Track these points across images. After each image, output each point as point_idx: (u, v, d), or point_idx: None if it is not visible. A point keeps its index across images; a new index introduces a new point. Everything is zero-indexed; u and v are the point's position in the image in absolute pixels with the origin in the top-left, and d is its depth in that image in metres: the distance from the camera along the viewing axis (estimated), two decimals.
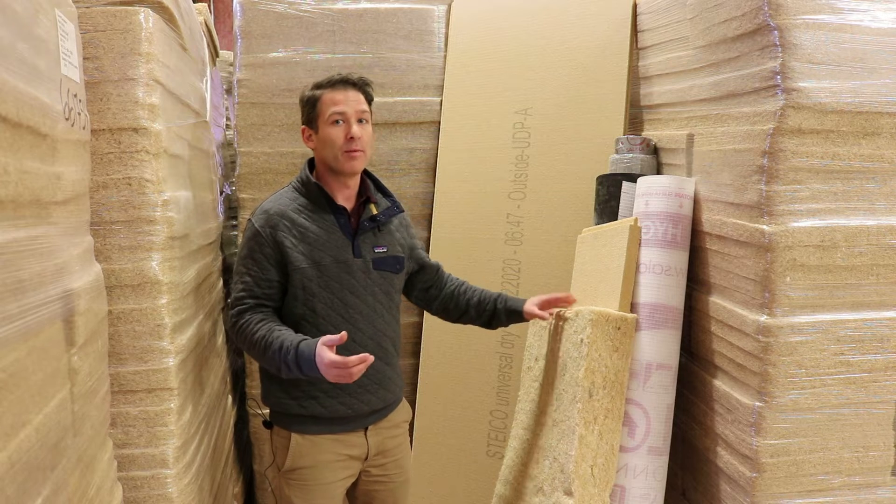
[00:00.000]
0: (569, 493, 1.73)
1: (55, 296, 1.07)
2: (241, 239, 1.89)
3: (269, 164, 2.59)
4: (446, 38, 2.70)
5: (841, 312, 1.65)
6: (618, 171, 2.15)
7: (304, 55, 2.59)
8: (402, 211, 1.97)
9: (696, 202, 1.91)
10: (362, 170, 1.86)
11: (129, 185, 1.57)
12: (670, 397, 1.87)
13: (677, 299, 1.88)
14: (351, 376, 1.58)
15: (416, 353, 2.69)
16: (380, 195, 1.93)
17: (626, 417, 1.84)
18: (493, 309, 1.97)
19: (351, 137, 1.76)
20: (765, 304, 1.63)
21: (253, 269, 1.76)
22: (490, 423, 2.55)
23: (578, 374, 1.79)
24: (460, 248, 2.62)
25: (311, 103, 1.81)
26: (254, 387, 2.57)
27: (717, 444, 1.83)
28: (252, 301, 1.75)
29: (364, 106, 1.81)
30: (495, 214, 2.58)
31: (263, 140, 2.59)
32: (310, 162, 1.89)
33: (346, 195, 1.85)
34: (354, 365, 1.56)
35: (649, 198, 1.92)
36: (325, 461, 1.80)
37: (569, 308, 1.96)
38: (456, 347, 2.60)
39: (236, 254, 1.89)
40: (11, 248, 0.92)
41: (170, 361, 1.62)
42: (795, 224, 1.60)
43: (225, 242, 2.81)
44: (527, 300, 1.95)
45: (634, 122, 2.41)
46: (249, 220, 1.82)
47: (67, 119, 1.16)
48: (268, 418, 1.90)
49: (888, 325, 1.66)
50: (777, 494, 1.68)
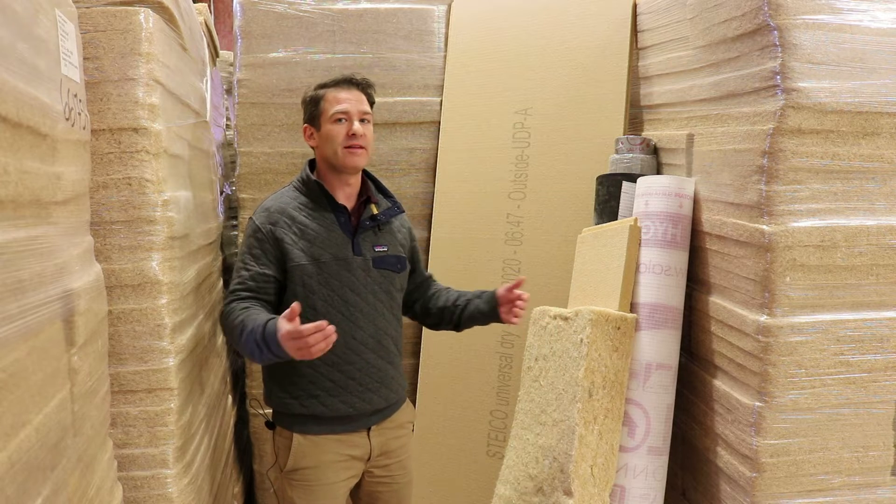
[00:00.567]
0: (569, 492, 1.74)
1: (55, 296, 1.07)
2: (242, 237, 1.89)
3: (269, 164, 2.59)
4: (446, 38, 2.71)
5: (841, 312, 1.65)
6: (618, 171, 2.15)
7: (304, 55, 2.59)
8: (403, 212, 1.97)
9: (696, 202, 1.91)
10: (363, 169, 1.87)
11: (129, 185, 1.57)
12: (670, 397, 1.87)
13: (677, 299, 1.88)
14: (309, 347, 1.49)
15: (416, 353, 2.69)
16: (380, 196, 1.94)
17: (626, 417, 1.84)
18: (459, 319, 1.97)
19: (353, 134, 1.77)
20: (765, 304, 1.63)
21: (250, 263, 1.77)
22: (490, 423, 2.55)
23: (578, 373, 1.79)
24: (460, 248, 2.62)
25: (314, 102, 1.82)
26: (254, 387, 2.57)
27: (717, 444, 1.83)
28: (244, 293, 1.75)
29: (366, 107, 1.83)
30: (495, 214, 2.58)
31: (263, 140, 2.59)
32: (311, 162, 1.91)
33: (347, 194, 1.86)
34: (310, 333, 1.47)
35: (649, 198, 1.92)
36: (328, 461, 1.80)
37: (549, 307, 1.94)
38: (456, 347, 2.59)
39: (237, 252, 1.89)
40: (11, 248, 0.92)
41: (170, 361, 1.62)
42: (795, 224, 1.60)
43: (225, 242, 2.81)
44: (490, 302, 1.91)
45: (634, 122, 2.41)
46: (250, 217, 1.83)
47: (67, 119, 1.16)
48: (270, 419, 1.90)
49: (888, 325, 1.66)
50: (777, 494, 1.68)
